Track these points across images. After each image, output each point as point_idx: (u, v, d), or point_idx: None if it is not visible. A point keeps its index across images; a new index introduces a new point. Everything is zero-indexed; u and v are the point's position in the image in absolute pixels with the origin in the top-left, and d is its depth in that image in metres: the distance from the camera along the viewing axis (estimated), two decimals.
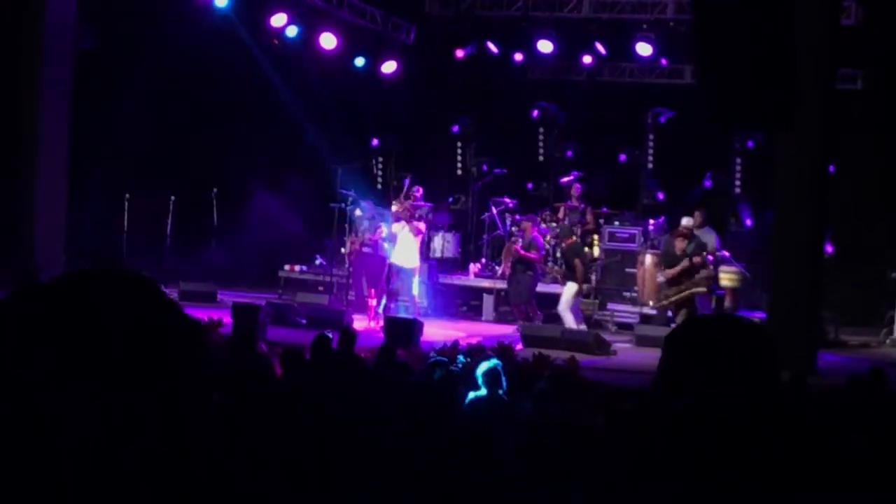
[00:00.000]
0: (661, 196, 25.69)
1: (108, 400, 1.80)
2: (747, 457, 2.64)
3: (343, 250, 23.29)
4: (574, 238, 21.11)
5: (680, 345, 2.88)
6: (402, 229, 20.74)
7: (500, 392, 10.54)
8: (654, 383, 2.90)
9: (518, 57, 26.32)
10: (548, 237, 23.06)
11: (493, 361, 10.97)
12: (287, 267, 24.37)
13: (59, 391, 1.79)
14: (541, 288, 21.67)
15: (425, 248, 23.39)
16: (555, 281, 21.73)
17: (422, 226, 21.16)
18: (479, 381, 10.54)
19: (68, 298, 1.87)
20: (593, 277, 22.01)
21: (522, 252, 21.11)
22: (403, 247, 20.69)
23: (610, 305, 22.74)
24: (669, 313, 20.39)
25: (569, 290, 20.38)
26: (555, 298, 20.98)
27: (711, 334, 2.85)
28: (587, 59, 25.99)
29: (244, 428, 7.69)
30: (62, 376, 1.79)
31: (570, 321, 20.11)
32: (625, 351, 18.94)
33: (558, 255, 22.01)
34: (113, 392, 1.81)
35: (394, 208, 21.86)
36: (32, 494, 1.77)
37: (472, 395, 10.43)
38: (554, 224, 23.46)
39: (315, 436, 7.46)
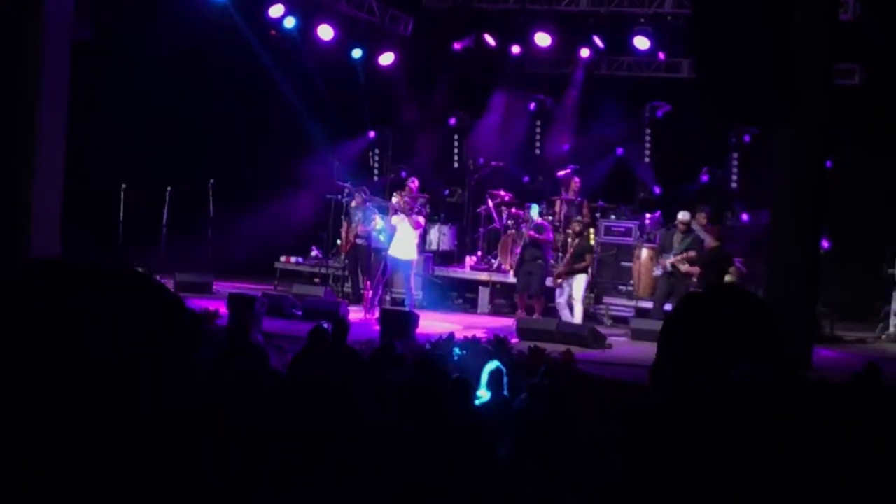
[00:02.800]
0: (657, 190, 25.71)
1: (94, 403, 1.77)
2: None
3: (339, 242, 23.28)
4: (586, 234, 21.14)
5: (682, 320, 2.88)
6: (401, 222, 20.65)
7: (504, 393, 10.54)
8: (655, 362, 2.90)
9: (515, 50, 26.27)
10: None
11: (496, 363, 10.99)
12: (283, 258, 24.35)
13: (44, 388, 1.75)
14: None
15: (421, 241, 23.38)
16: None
17: (421, 219, 21.08)
18: (484, 381, 10.56)
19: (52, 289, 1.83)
20: (589, 271, 21.94)
21: (534, 234, 21.10)
22: (402, 239, 20.58)
23: (605, 299, 22.73)
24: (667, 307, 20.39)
25: (580, 281, 20.45)
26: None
27: (712, 308, 2.86)
28: (585, 53, 25.95)
29: (238, 420, 7.68)
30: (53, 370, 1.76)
31: (579, 314, 20.21)
32: (620, 345, 18.91)
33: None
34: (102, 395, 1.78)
35: (394, 200, 21.79)
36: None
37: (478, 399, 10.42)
38: (551, 217, 23.47)
39: (307, 429, 7.44)
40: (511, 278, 22.37)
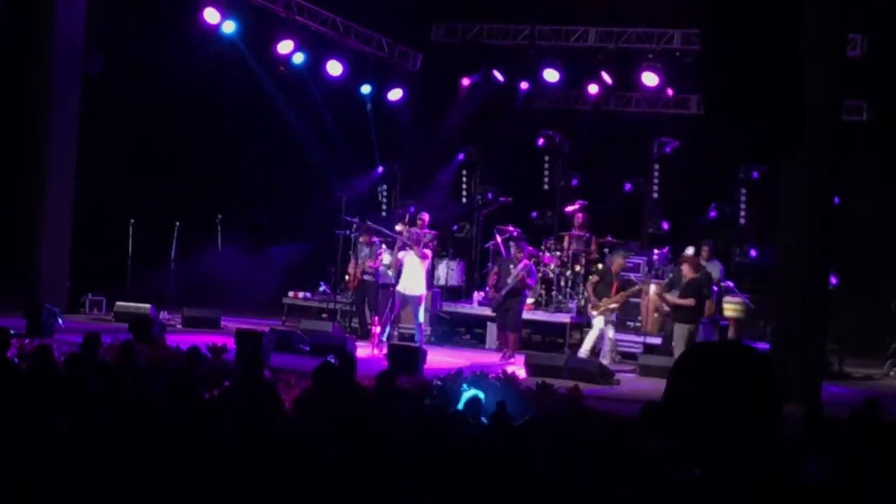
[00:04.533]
0: (665, 226, 25.68)
1: None
2: None
3: (346, 277, 23.26)
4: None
5: (687, 369, 2.91)
6: (408, 255, 20.58)
7: (482, 420, 10.53)
8: (660, 407, 2.93)
9: (524, 85, 26.36)
10: (552, 266, 23.08)
11: (473, 392, 11.03)
12: (291, 293, 24.31)
13: None
14: (535, 316, 21.73)
15: (429, 275, 23.36)
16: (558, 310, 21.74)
17: (427, 252, 21.00)
18: (461, 407, 10.58)
19: None
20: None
21: (525, 277, 21.01)
22: (410, 274, 20.49)
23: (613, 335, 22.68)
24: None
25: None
26: (545, 325, 21.85)
27: (718, 361, 2.89)
28: (593, 89, 25.99)
29: (248, 454, 7.68)
30: None
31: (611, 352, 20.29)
32: (628, 381, 18.86)
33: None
34: None
35: (398, 228, 21.89)
36: None
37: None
38: (559, 253, 23.50)
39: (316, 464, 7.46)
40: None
